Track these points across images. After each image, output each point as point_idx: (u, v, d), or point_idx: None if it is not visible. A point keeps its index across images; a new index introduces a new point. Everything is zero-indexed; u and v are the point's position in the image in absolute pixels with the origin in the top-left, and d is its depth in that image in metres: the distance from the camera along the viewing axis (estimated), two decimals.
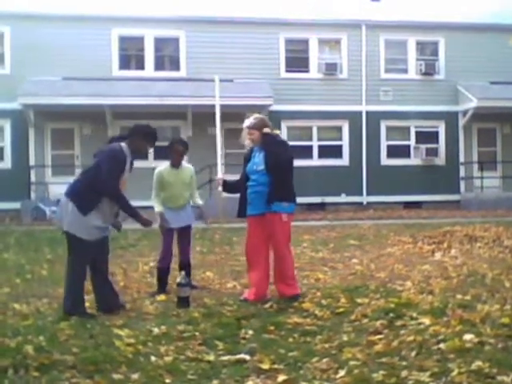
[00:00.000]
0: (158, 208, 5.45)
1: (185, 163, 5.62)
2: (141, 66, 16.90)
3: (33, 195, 15.86)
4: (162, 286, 5.45)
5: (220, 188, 5.28)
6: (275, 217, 4.88)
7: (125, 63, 16.90)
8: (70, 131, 16.40)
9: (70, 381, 3.03)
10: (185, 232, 5.55)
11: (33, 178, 15.96)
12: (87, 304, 4.60)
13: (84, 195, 4.41)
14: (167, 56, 17.37)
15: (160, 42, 17.08)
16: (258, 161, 4.96)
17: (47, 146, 16.31)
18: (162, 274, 5.47)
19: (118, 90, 15.52)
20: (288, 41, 17.33)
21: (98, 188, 4.39)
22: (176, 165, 5.48)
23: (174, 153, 5.45)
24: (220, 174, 5.45)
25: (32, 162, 16.00)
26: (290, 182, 4.99)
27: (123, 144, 4.59)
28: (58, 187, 15.28)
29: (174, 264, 5.61)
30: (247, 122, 5.03)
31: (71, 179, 5.09)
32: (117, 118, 16.02)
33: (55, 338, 3.68)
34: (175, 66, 17.02)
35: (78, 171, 15.89)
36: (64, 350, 3.40)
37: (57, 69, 15.64)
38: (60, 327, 3.98)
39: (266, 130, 4.95)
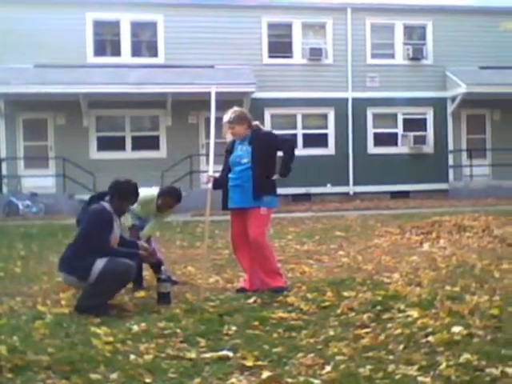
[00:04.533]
0: (131, 221, 5.26)
1: None
2: (117, 52, 16.45)
3: (5, 189, 15.40)
4: (138, 281, 5.26)
5: (210, 185, 5.17)
6: (254, 210, 4.90)
7: (100, 49, 16.46)
8: (43, 121, 15.91)
9: (45, 382, 2.94)
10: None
11: (4, 171, 15.48)
12: (63, 302, 4.50)
13: (78, 264, 4.25)
14: (145, 41, 16.97)
15: (137, 27, 16.65)
16: (242, 153, 4.97)
17: (19, 137, 15.80)
18: None
19: (94, 77, 15.09)
20: (271, 25, 17.02)
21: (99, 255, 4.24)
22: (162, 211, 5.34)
23: (164, 205, 5.25)
24: (211, 170, 5.27)
25: (3, 154, 15.51)
26: (273, 175, 4.99)
27: (105, 203, 4.41)
28: (31, 180, 15.02)
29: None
30: (226, 117, 5.02)
31: (45, 171, 4.91)
32: (92, 106, 15.67)
33: (30, 338, 3.58)
34: (153, 51, 16.63)
35: (51, 163, 15.57)
36: (39, 350, 3.30)
37: (28, 56, 15.15)
38: (35, 326, 3.87)
39: (250, 124, 4.99)
